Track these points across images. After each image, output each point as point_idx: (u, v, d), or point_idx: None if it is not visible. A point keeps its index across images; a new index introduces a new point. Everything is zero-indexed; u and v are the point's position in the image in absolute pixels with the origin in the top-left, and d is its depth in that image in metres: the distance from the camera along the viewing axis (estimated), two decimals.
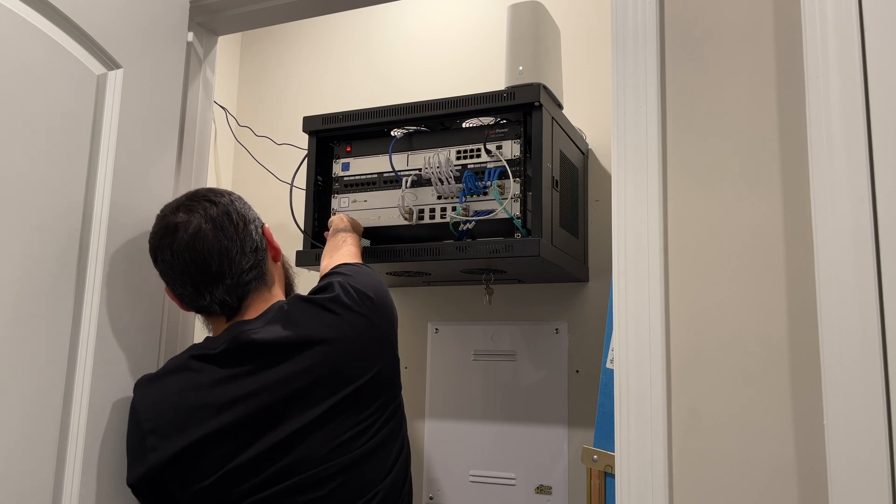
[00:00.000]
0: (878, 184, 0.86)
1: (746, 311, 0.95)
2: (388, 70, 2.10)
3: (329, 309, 1.13)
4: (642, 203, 1.00)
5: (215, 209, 1.15)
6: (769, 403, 0.92)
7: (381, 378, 1.15)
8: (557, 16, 1.70)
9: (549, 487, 1.72)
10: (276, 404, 1.08)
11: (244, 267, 1.15)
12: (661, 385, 0.96)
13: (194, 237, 1.12)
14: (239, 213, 1.18)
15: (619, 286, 1.01)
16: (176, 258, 1.13)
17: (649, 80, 1.03)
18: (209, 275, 1.13)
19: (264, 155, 2.18)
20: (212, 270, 1.13)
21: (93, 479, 1.14)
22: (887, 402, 0.82)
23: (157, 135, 1.33)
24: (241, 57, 2.36)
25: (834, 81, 0.90)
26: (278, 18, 1.54)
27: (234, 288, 1.15)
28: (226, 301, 1.15)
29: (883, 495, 0.81)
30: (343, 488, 1.09)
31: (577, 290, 1.78)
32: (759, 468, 0.91)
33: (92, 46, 1.19)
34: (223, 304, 1.15)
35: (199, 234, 1.12)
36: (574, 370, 1.75)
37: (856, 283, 0.85)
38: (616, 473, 0.97)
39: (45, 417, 1.08)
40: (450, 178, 1.47)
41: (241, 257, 1.15)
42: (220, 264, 1.13)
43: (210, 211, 1.15)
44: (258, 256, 1.18)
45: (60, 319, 1.12)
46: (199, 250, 1.12)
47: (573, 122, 1.68)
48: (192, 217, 1.14)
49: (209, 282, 1.13)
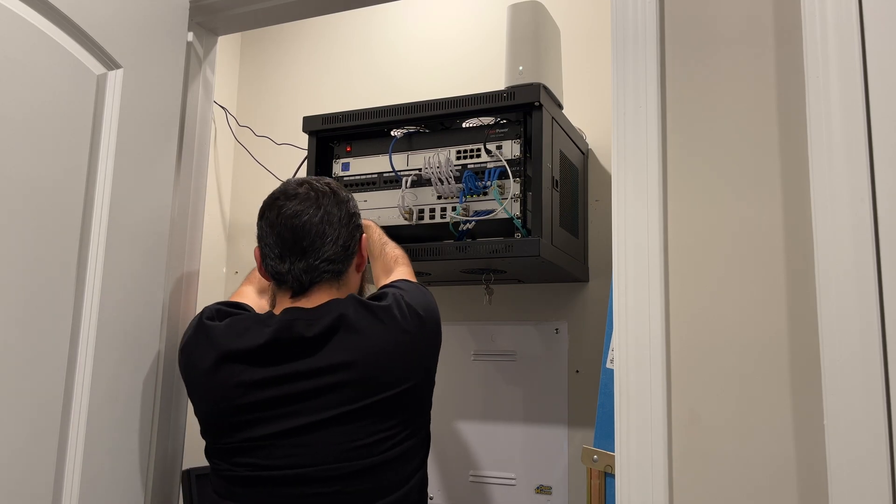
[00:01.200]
0: (878, 184, 0.86)
1: (746, 311, 0.95)
2: (388, 70, 2.10)
3: (378, 317, 1.16)
4: (642, 203, 1.00)
5: (332, 198, 1.23)
6: (769, 403, 0.92)
7: (411, 395, 1.17)
8: (557, 16, 1.70)
9: (549, 487, 1.72)
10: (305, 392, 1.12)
11: (328, 255, 1.20)
12: (661, 385, 0.96)
13: (302, 210, 1.20)
14: (349, 212, 1.25)
15: (619, 286, 1.00)
16: (279, 221, 1.20)
17: (649, 80, 1.03)
18: (299, 246, 1.19)
19: (264, 155, 2.18)
20: (303, 244, 1.19)
21: (93, 479, 1.14)
22: (887, 402, 0.82)
23: (157, 135, 1.33)
24: (241, 57, 2.36)
25: (834, 81, 0.90)
26: (278, 18, 1.54)
27: (311, 269, 1.20)
28: (301, 278, 1.20)
29: (883, 495, 0.81)
30: (351, 491, 1.10)
31: (577, 290, 1.78)
32: (759, 468, 0.91)
33: (92, 46, 1.19)
34: (297, 279, 1.20)
35: (307, 209, 1.20)
36: (574, 370, 1.75)
37: (856, 283, 0.85)
38: (616, 473, 0.97)
39: (45, 417, 1.08)
40: (450, 178, 1.46)
41: (331, 245, 1.21)
42: (313, 242, 1.20)
43: (328, 196, 1.23)
44: (346, 254, 1.23)
45: (60, 319, 1.12)
46: (298, 225, 1.19)
47: (573, 122, 1.68)
48: (310, 194, 1.22)
49: (296, 252, 1.19)
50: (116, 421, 1.20)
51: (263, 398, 1.12)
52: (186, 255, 1.43)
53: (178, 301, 1.38)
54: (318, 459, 1.10)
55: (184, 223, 1.39)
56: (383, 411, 1.13)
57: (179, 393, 1.37)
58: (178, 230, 1.37)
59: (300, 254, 1.19)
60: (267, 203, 1.24)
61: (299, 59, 2.26)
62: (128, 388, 1.23)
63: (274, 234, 1.20)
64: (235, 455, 1.13)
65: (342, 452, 1.10)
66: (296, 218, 1.19)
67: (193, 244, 1.46)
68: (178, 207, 1.39)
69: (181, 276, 1.40)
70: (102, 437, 1.17)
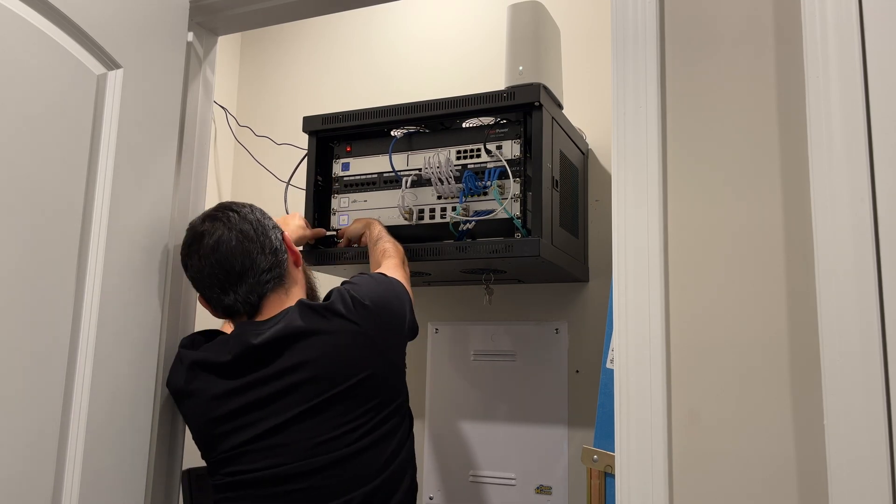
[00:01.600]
0: (878, 184, 0.86)
1: (746, 310, 0.95)
2: (388, 70, 2.10)
3: (323, 315, 1.21)
4: (642, 203, 1.00)
5: (237, 216, 1.27)
6: (769, 403, 0.92)
7: (373, 382, 1.21)
8: (557, 16, 1.70)
9: (549, 487, 1.72)
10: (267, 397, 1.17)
11: (264, 266, 1.25)
12: (661, 385, 0.96)
13: (218, 241, 1.24)
14: (258, 220, 1.28)
15: (619, 286, 1.00)
16: (203, 262, 1.24)
17: (649, 80, 1.03)
18: (233, 274, 1.23)
19: (264, 155, 2.18)
20: (235, 270, 1.23)
21: (93, 479, 1.14)
22: (887, 401, 0.82)
23: (157, 135, 1.33)
24: (241, 57, 2.36)
25: (834, 81, 0.90)
26: (278, 18, 1.54)
27: (256, 286, 1.24)
28: (248, 300, 1.25)
29: (883, 495, 0.81)
30: (326, 483, 1.15)
31: (577, 290, 1.78)
32: (759, 468, 0.91)
33: (92, 46, 1.19)
34: (246, 302, 1.25)
35: (222, 238, 1.24)
36: (574, 370, 1.75)
37: (856, 282, 0.85)
38: (616, 473, 0.97)
39: (45, 417, 1.08)
40: (450, 178, 1.46)
41: (261, 257, 1.25)
42: (243, 263, 1.24)
43: (232, 218, 1.26)
44: (278, 258, 1.27)
45: (60, 319, 1.12)
46: (223, 252, 1.23)
47: (573, 122, 1.68)
48: (216, 225, 1.25)
49: (234, 281, 1.24)
50: (116, 421, 1.20)
51: (234, 408, 1.19)
52: None
53: (177, 301, 1.38)
54: (290, 458, 1.16)
55: (184, 223, 1.39)
56: (345, 403, 1.18)
57: None
58: (178, 230, 1.37)
59: (239, 278, 1.24)
60: (184, 253, 1.28)
61: (299, 59, 2.26)
62: (128, 388, 1.23)
63: (206, 273, 1.24)
64: (223, 466, 1.21)
65: (310, 448, 1.16)
66: (216, 252, 1.23)
67: None
68: (178, 207, 1.39)
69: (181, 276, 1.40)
70: (102, 437, 1.17)
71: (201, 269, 1.24)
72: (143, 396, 1.27)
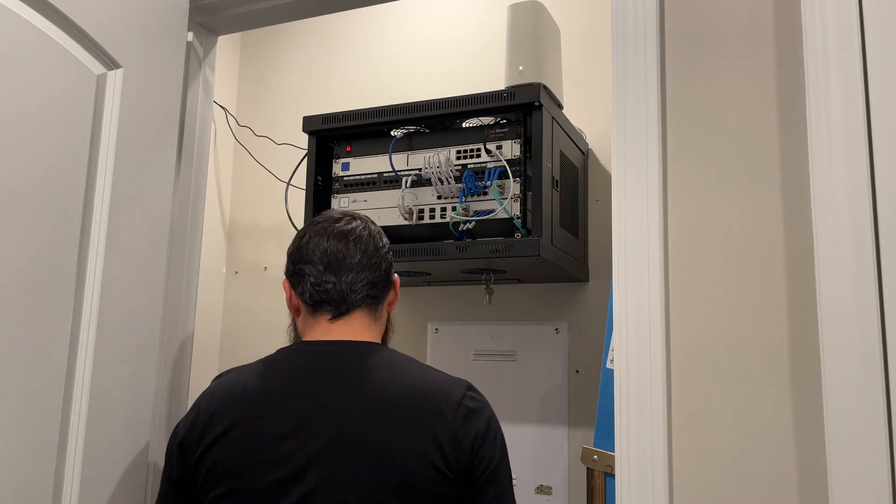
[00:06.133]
0: (878, 184, 0.86)
1: (746, 310, 0.95)
2: (387, 70, 2.10)
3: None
4: (642, 203, 1.00)
5: (374, 226, 1.22)
6: (769, 403, 0.91)
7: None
8: (557, 16, 1.70)
9: (549, 487, 1.72)
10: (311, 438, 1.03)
11: (370, 277, 1.16)
12: (661, 385, 0.96)
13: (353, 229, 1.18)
14: (387, 243, 1.22)
15: (619, 286, 1.00)
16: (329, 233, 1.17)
17: (649, 80, 1.03)
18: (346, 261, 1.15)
19: (264, 155, 2.18)
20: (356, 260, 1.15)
21: (93, 479, 1.14)
22: (887, 402, 0.82)
23: (157, 135, 1.33)
24: (241, 57, 2.36)
25: (834, 81, 0.90)
26: (278, 18, 1.54)
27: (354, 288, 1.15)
28: (343, 295, 1.15)
29: (883, 495, 0.81)
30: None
31: (577, 290, 1.78)
32: (759, 468, 0.91)
33: (92, 46, 1.19)
34: (340, 295, 1.14)
35: (355, 230, 1.18)
36: (574, 370, 1.75)
37: (856, 282, 0.85)
38: (616, 473, 0.97)
39: (45, 417, 1.08)
40: (450, 178, 1.46)
41: (375, 268, 1.17)
42: (361, 259, 1.16)
43: (370, 225, 1.21)
44: (383, 281, 1.19)
45: (60, 319, 1.12)
46: (350, 239, 1.16)
47: (573, 122, 1.68)
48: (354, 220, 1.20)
49: (343, 268, 1.15)
50: (116, 421, 1.20)
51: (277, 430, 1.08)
52: (186, 255, 1.43)
53: (177, 301, 1.38)
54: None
55: (184, 223, 1.39)
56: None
57: (179, 392, 1.37)
58: (178, 230, 1.37)
59: (349, 268, 1.15)
60: (308, 225, 1.21)
61: (299, 59, 2.26)
62: (128, 389, 1.23)
63: (321, 250, 1.15)
64: None
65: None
66: (348, 233, 1.17)
67: (193, 244, 1.46)
68: (178, 207, 1.39)
69: (181, 276, 1.40)
70: (102, 437, 1.17)
71: (319, 244, 1.16)
72: (142, 396, 1.27)
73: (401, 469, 1.01)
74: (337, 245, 1.16)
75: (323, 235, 1.17)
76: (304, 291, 1.16)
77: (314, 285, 1.15)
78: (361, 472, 1.01)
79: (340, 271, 1.15)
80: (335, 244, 1.16)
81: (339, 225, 1.18)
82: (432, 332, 1.92)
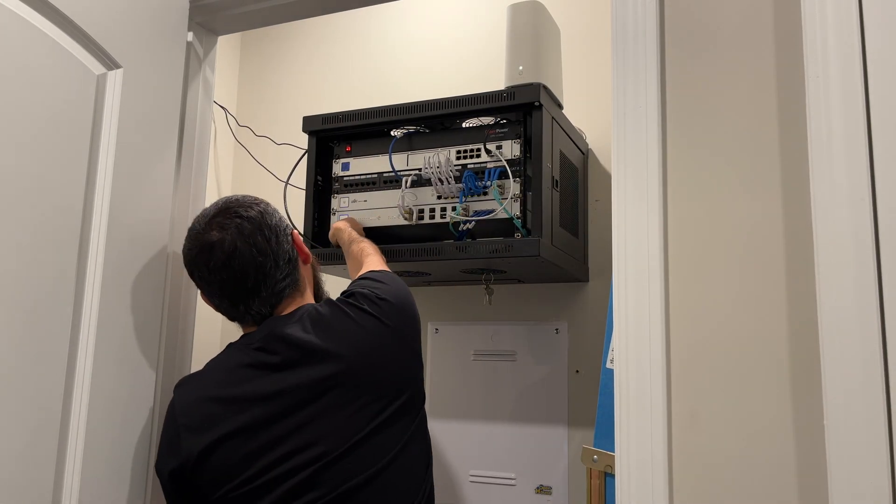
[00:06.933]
0: (878, 184, 0.86)
1: (746, 310, 0.95)
2: (387, 70, 2.10)
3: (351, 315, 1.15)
4: (642, 203, 1.00)
5: (248, 225, 1.15)
6: (769, 403, 0.91)
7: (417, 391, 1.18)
8: (557, 16, 1.70)
9: (549, 487, 1.72)
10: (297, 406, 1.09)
11: (278, 278, 1.17)
12: (661, 385, 0.96)
13: (230, 256, 1.13)
14: (270, 226, 1.18)
15: (619, 286, 1.00)
16: (213, 275, 1.15)
17: (649, 80, 1.03)
18: (245, 290, 1.15)
19: (264, 155, 2.18)
20: (248, 286, 1.15)
21: (93, 480, 1.14)
22: (887, 402, 0.82)
23: (157, 135, 1.33)
24: (241, 57, 2.36)
25: (834, 81, 0.90)
26: (278, 18, 1.54)
27: (269, 298, 1.17)
28: (260, 311, 1.18)
29: (883, 495, 0.81)
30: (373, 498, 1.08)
31: (577, 290, 1.78)
32: (759, 468, 0.91)
33: (92, 46, 1.19)
34: (258, 314, 1.18)
35: (234, 253, 1.13)
36: (574, 370, 1.75)
37: (856, 282, 0.85)
38: (616, 473, 0.97)
39: (45, 418, 1.08)
40: (450, 178, 1.46)
41: (275, 271, 1.17)
42: (256, 279, 1.15)
43: (243, 228, 1.15)
44: (291, 266, 1.20)
45: (60, 320, 1.12)
46: (235, 268, 1.13)
47: (573, 122, 1.68)
48: (225, 235, 1.14)
49: (245, 296, 1.16)
50: (116, 421, 1.20)
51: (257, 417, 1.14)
52: None
53: (177, 301, 1.38)
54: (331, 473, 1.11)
55: (184, 223, 1.39)
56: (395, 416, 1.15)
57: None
58: (178, 230, 1.37)
59: (251, 294, 1.15)
60: (189, 260, 1.17)
61: (299, 59, 2.26)
62: (128, 388, 1.23)
63: (216, 286, 1.15)
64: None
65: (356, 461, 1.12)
66: (228, 266, 1.12)
67: None
68: (178, 207, 1.39)
69: (181, 276, 1.40)
70: (102, 438, 1.17)
71: (210, 281, 1.15)
72: (143, 396, 1.27)
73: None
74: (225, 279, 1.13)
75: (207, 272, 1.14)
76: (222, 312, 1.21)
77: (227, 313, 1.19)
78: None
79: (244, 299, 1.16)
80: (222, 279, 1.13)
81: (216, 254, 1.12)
82: (432, 332, 1.92)
